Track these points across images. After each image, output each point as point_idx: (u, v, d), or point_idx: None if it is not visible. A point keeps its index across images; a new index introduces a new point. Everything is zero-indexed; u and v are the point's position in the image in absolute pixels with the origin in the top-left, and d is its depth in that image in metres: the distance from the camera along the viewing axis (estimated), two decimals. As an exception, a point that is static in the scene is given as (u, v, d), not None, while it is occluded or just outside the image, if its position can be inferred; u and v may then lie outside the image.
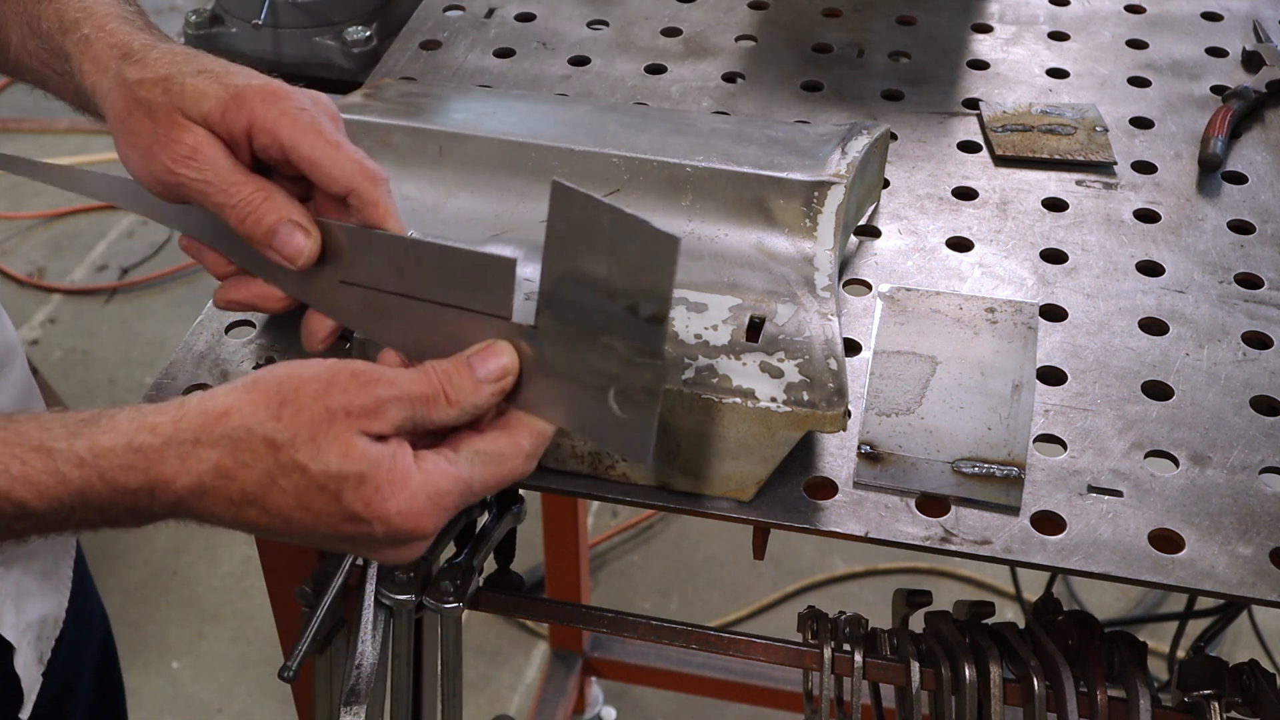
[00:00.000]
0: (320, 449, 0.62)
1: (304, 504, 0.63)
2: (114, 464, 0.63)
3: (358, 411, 0.63)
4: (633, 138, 0.94)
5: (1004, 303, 0.92)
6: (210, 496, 0.63)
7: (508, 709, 2.13)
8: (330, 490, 0.62)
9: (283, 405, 0.63)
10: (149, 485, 0.63)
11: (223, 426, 0.63)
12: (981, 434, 0.82)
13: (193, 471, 0.63)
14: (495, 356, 0.69)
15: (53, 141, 3.30)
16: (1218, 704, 0.82)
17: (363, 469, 0.62)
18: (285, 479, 0.62)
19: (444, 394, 0.66)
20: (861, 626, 0.90)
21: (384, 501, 0.63)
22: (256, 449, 0.62)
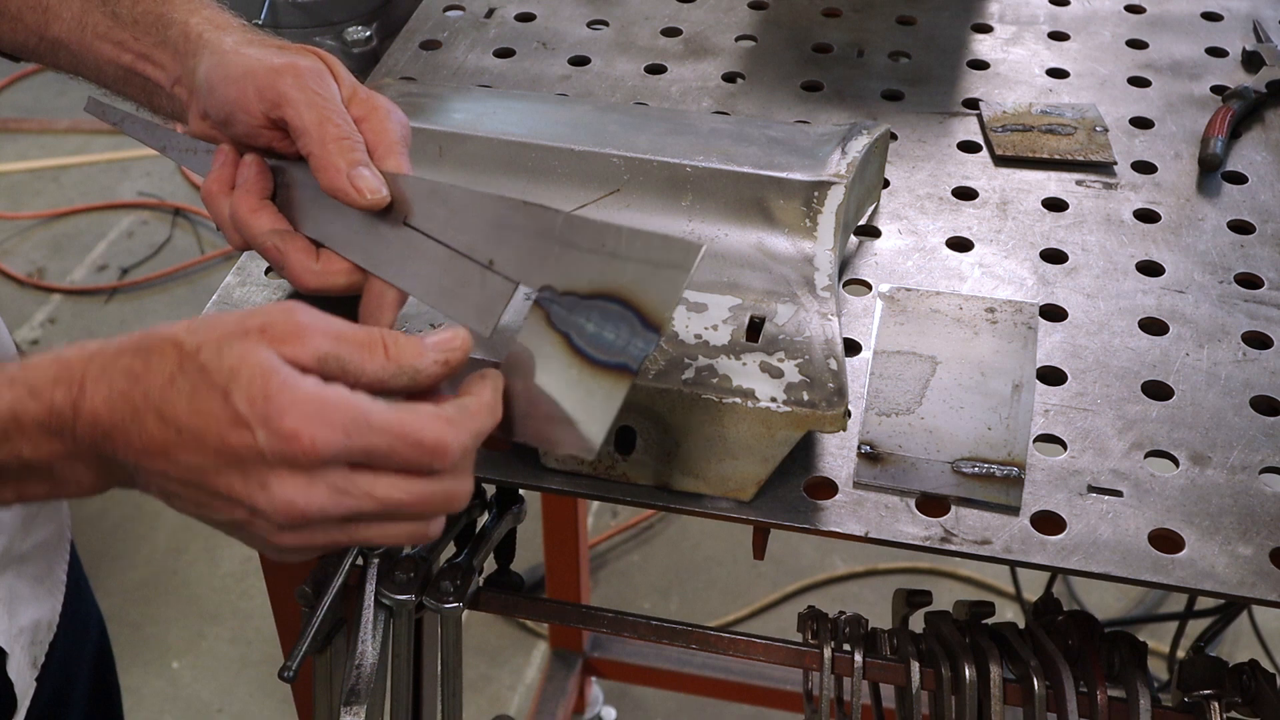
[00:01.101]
0: (222, 351, 0.61)
1: (196, 406, 0.60)
2: (42, 376, 0.62)
3: (275, 332, 0.62)
4: (633, 138, 0.94)
5: (1004, 303, 0.92)
6: (119, 403, 0.61)
7: (508, 709, 2.13)
8: (220, 388, 0.60)
9: (203, 322, 0.63)
10: (72, 398, 0.62)
11: (142, 339, 0.63)
12: (981, 434, 0.82)
13: (107, 378, 0.62)
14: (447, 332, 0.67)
15: (53, 141, 3.30)
16: (1218, 704, 0.82)
17: (257, 371, 0.60)
18: (184, 378, 0.61)
19: (383, 345, 0.64)
20: (861, 626, 0.90)
21: (269, 401, 0.59)
22: (165, 352, 0.62)
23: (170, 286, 2.92)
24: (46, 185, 3.18)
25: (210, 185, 0.83)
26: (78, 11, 0.88)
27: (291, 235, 0.80)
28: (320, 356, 0.62)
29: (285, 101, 0.78)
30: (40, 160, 3.23)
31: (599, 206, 0.90)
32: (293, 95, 0.78)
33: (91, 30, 0.88)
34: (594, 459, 0.79)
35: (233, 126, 0.82)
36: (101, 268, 2.96)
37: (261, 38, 0.84)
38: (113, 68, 0.88)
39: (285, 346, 0.61)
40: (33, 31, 0.90)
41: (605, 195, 0.90)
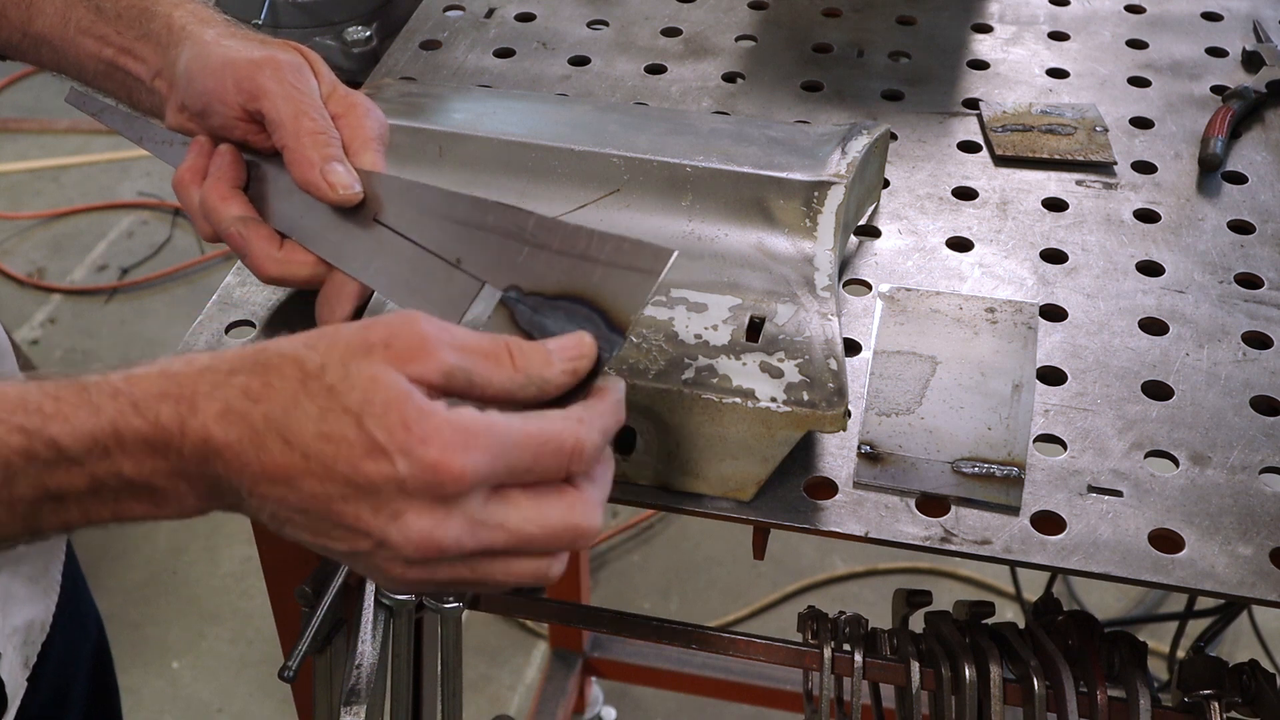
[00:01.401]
0: (350, 373, 0.58)
1: (325, 431, 0.57)
2: (148, 391, 0.59)
3: (399, 348, 0.58)
4: (633, 138, 0.94)
5: (1004, 303, 0.92)
6: (235, 422, 0.58)
7: (508, 709, 2.13)
8: (353, 413, 0.57)
9: (320, 336, 0.60)
10: (180, 416, 0.58)
11: (256, 355, 0.60)
12: (981, 434, 0.82)
13: (221, 396, 0.58)
14: (574, 340, 0.64)
15: (53, 141, 3.30)
16: (1218, 704, 0.82)
17: (391, 397, 0.57)
18: (310, 401, 0.57)
19: (509, 354, 0.61)
20: (861, 626, 0.90)
21: (409, 430, 0.56)
22: (286, 372, 0.59)
23: (170, 286, 2.92)
24: (46, 185, 3.18)
25: (182, 174, 0.82)
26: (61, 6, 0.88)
27: (257, 223, 0.80)
28: (447, 371, 0.59)
29: (262, 94, 0.79)
30: (40, 160, 3.23)
31: (599, 206, 0.90)
32: (270, 88, 0.79)
33: (75, 25, 0.88)
34: None
35: (210, 118, 0.82)
36: (101, 268, 2.96)
37: (244, 32, 0.84)
38: (94, 63, 0.88)
39: (412, 365, 0.58)
40: (15, 28, 0.90)
41: (605, 195, 0.90)
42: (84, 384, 0.59)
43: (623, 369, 0.78)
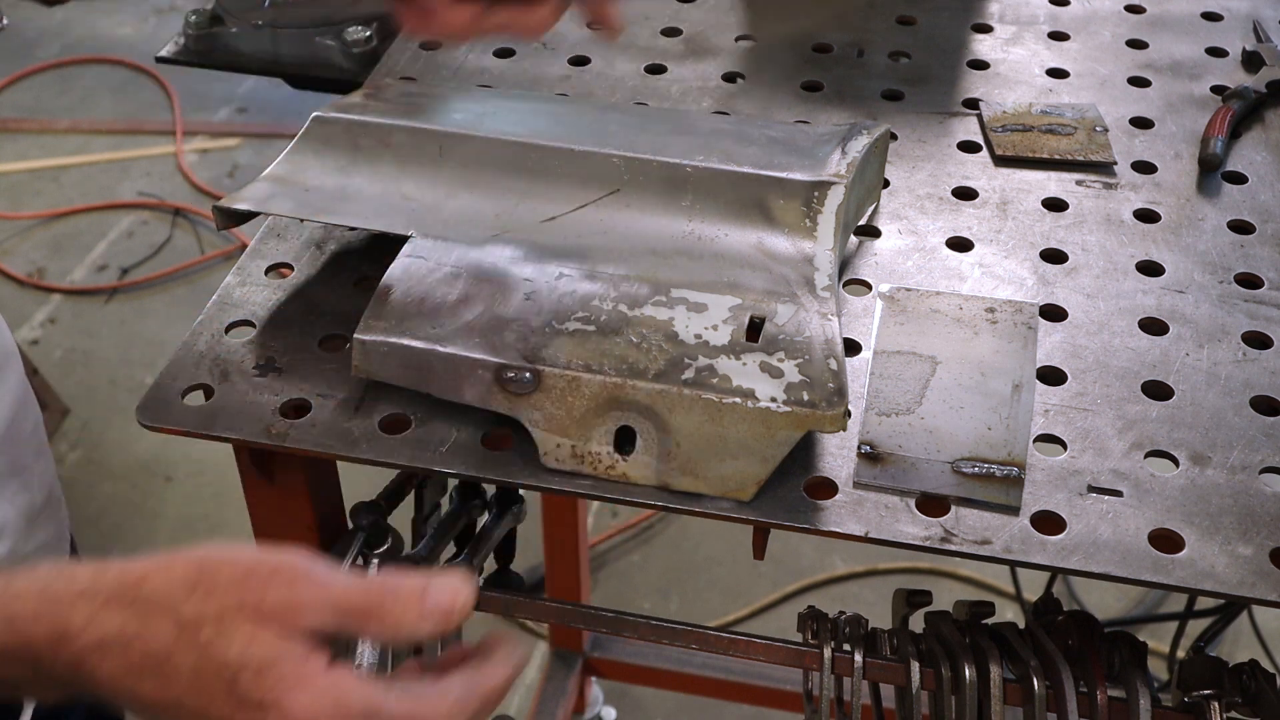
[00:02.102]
0: (223, 632, 0.60)
1: (199, 685, 0.60)
2: (24, 610, 0.62)
3: (275, 609, 0.61)
4: (633, 138, 0.94)
5: (1004, 303, 0.92)
6: (110, 658, 0.61)
7: (508, 709, 2.13)
8: (226, 676, 0.60)
9: (197, 585, 0.62)
10: (54, 636, 0.61)
11: (135, 592, 0.62)
12: (981, 434, 0.82)
13: (98, 629, 0.61)
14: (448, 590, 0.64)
15: (53, 141, 3.30)
16: (1218, 704, 0.82)
17: (266, 658, 0.60)
18: (183, 656, 0.60)
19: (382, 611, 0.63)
20: (861, 626, 0.90)
21: (285, 692, 0.59)
22: (161, 621, 0.61)
23: (170, 286, 2.92)
24: (46, 185, 3.18)
25: None
26: None
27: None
28: (316, 629, 0.61)
29: None
30: (40, 160, 3.23)
31: (599, 206, 0.90)
32: None
33: None
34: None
35: None
36: (101, 268, 2.96)
37: None
38: None
39: (285, 623, 0.61)
40: None
41: (605, 195, 0.91)
42: None
43: (623, 369, 0.78)
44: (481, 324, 0.81)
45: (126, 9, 3.77)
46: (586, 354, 0.79)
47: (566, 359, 0.79)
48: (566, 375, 0.78)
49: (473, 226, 0.89)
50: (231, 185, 3.09)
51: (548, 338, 0.80)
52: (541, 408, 0.79)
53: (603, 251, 0.87)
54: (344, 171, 0.94)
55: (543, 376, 0.78)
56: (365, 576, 0.64)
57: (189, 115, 3.35)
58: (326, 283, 0.94)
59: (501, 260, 0.86)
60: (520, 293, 0.83)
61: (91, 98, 3.45)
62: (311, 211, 0.91)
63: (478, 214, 0.91)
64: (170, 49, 1.37)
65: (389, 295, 0.83)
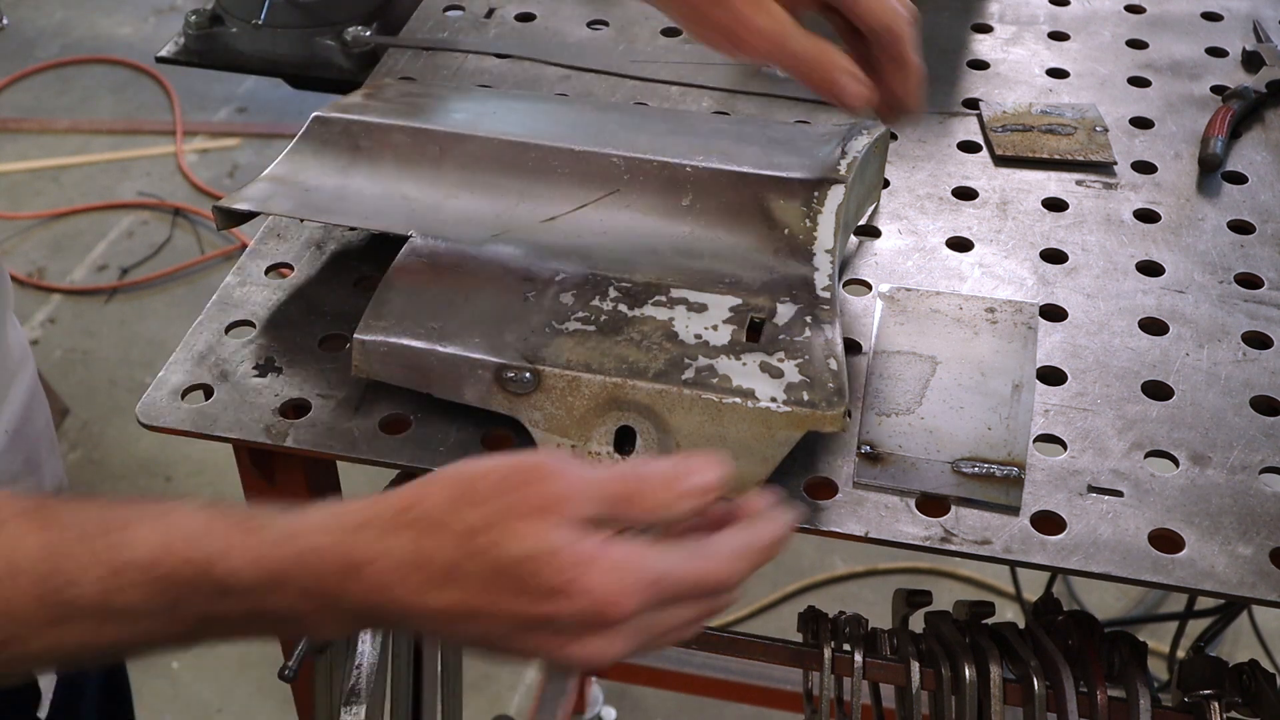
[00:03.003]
0: (502, 535, 0.62)
1: (489, 585, 0.62)
2: (313, 543, 0.63)
3: (544, 506, 0.63)
4: (633, 138, 0.94)
5: (1004, 303, 0.92)
6: (403, 581, 0.63)
7: (508, 709, 2.13)
8: (514, 573, 0.62)
9: (461, 499, 0.63)
10: (343, 569, 0.62)
11: (410, 514, 0.63)
12: (981, 434, 0.82)
13: (388, 556, 0.62)
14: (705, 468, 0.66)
15: (53, 141, 3.30)
16: (1218, 704, 0.82)
17: (545, 551, 0.61)
18: (472, 563, 0.62)
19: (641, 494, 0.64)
20: (861, 626, 0.90)
21: (573, 579, 0.61)
22: (441, 536, 0.63)
23: (170, 286, 2.92)
24: (46, 185, 3.18)
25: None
26: None
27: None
28: (587, 517, 0.63)
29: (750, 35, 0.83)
30: (40, 160, 3.23)
31: (599, 206, 0.90)
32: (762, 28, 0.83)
33: None
34: None
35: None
36: (101, 268, 2.96)
37: None
38: None
39: (555, 515, 0.62)
40: None
41: (605, 195, 0.91)
42: (255, 526, 0.63)
43: (623, 369, 0.78)
44: (481, 324, 0.81)
45: (126, 9, 3.78)
46: (586, 354, 0.79)
47: (566, 359, 0.79)
48: (566, 375, 0.78)
49: (473, 226, 0.89)
50: (231, 185, 3.10)
51: (548, 338, 0.80)
52: (541, 408, 0.79)
53: (603, 251, 0.87)
54: (344, 171, 0.94)
55: (543, 376, 0.78)
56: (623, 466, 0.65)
57: (189, 115, 3.35)
58: (326, 283, 0.94)
59: (501, 260, 0.86)
60: (520, 293, 0.83)
61: (91, 98, 3.45)
62: (311, 211, 0.91)
63: (478, 214, 0.91)
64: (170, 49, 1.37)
65: (389, 295, 0.83)
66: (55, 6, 3.78)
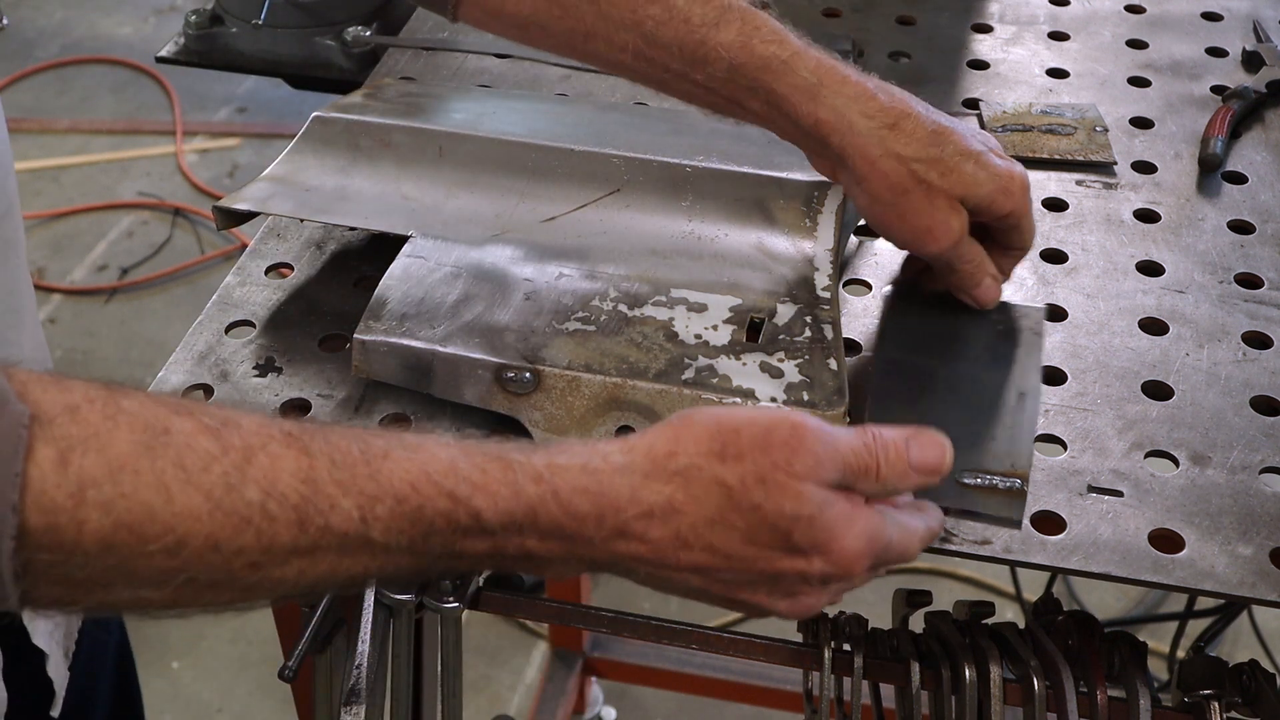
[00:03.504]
0: (770, 492, 0.64)
1: (752, 538, 0.64)
2: (569, 483, 0.63)
3: (802, 467, 0.64)
4: (633, 138, 0.94)
5: (1011, 307, 0.92)
6: (656, 527, 0.63)
7: (508, 709, 2.13)
8: (781, 529, 0.64)
9: (725, 452, 0.64)
10: (599, 511, 0.63)
11: (672, 464, 0.64)
12: (984, 444, 0.82)
13: (644, 501, 0.63)
14: (934, 448, 0.70)
15: (53, 141, 3.30)
16: (1218, 704, 0.82)
17: (813, 511, 0.64)
18: (737, 516, 0.63)
19: (877, 469, 0.68)
20: (861, 626, 0.90)
21: (832, 538, 0.64)
22: (708, 487, 0.64)
23: (170, 286, 2.92)
24: (46, 185, 3.18)
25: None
26: (638, 41, 0.86)
27: None
28: (832, 484, 0.65)
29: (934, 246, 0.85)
30: (40, 160, 3.23)
31: (599, 206, 0.90)
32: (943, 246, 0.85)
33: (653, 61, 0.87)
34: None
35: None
36: (101, 268, 2.96)
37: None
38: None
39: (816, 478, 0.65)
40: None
41: (605, 195, 0.91)
42: (509, 462, 0.63)
43: (623, 369, 0.78)
44: (481, 324, 0.81)
45: (126, 9, 3.78)
46: (586, 354, 0.79)
47: (566, 359, 0.79)
48: (566, 375, 0.78)
49: (473, 226, 0.89)
50: (231, 185, 3.10)
51: (548, 338, 0.80)
52: (542, 408, 0.79)
53: (603, 251, 0.87)
54: (344, 171, 0.94)
55: (543, 376, 0.78)
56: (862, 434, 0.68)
57: (189, 115, 3.35)
58: (326, 283, 0.94)
59: (501, 260, 0.86)
60: (520, 293, 0.83)
61: (91, 98, 3.45)
62: (311, 211, 0.91)
63: (478, 214, 0.91)
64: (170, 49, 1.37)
65: (389, 295, 0.83)
66: (55, 6, 3.78)
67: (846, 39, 1.22)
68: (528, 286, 0.84)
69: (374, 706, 0.88)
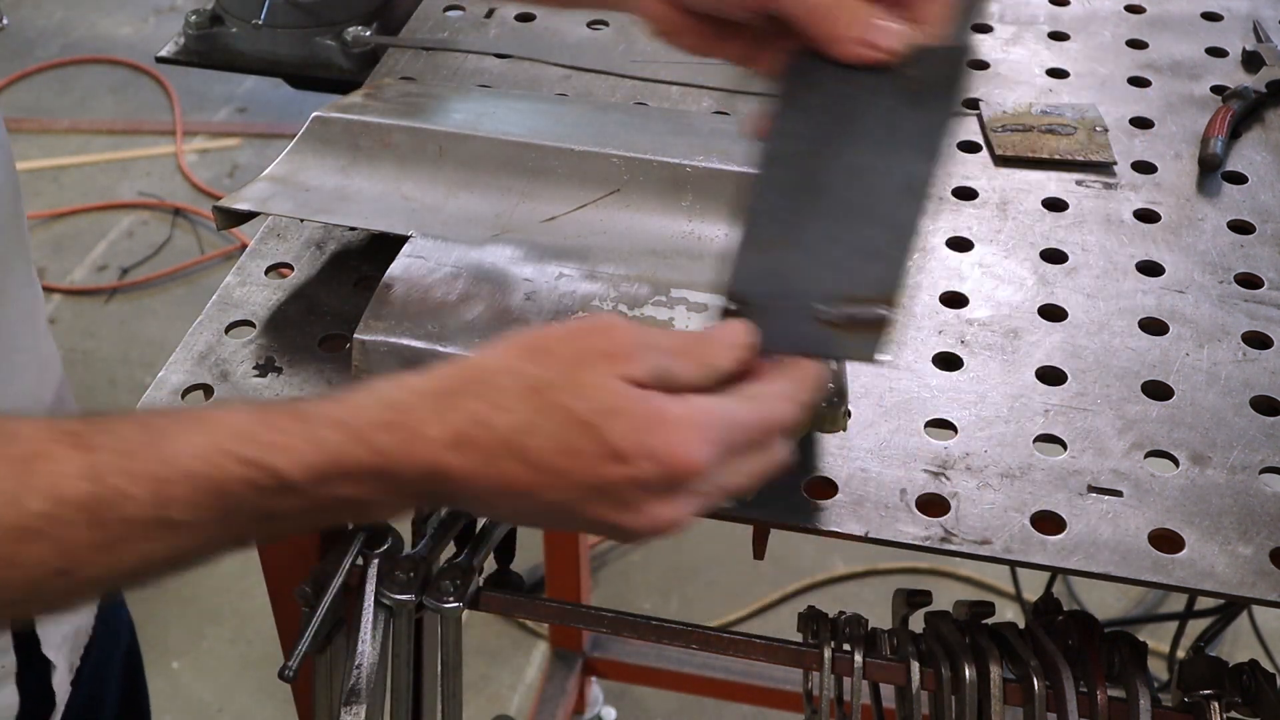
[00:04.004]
0: (581, 387, 0.60)
1: (566, 446, 0.59)
2: (370, 421, 0.60)
3: (613, 353, 0.61)
4: (633, 138, 0.94)
5: (925, 52, 0.66)
6: (467, 448, 0.60)
7: (508, 709, 2.13)
8: (593, 426, 0.59)
9: (535, 352, 0.62)
10: (405, 443, 0.60)
11: (478, 375, 0.61)
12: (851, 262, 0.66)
13: (450, 422, 0.60)
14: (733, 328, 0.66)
15: (53, 141, 3.30)
16: (1218, 704, 0.82)
17: (624, 405, 0.60)
18: (546, 420, 0.59)
19: (691, 349, 0.64)
20: (861, 626, 0.90)
21: (654, 435, 0.59)
22: (515, 393, 0.60)
23: (170, 286, 2.92)
24: (46, 185, 3.18)
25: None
26: None
27: None
28: (651, 370, 0.62)
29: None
30: (40, 160, 3.23)
31: (599, 206, 0.90)
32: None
33: None
34: None
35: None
36: (101, 268, 2.96)
37: None
38: None
39: (625, 367, 0.61)
40: None
41: (605, 195, 0.91)
42: (304, 414, 0.61)
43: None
44: (482, 324, 0.81)
45: (126, 9, 3.78)
46: (586, 354, 0.79)
47: (566, 359, 0.79)
48: (566, 375, 0.78)
49: (473, 226, 0.89)
50: (231, 185, 3.10)
51: (548, 338, 0.80)
52: (541, 408, 0.79)
53: (603, 251, 0.87)
54: (344, 171, 0.94)
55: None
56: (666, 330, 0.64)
57: (189, 115, 3.35)
58: (326, 283, 0.94)
59: (501, 260, 0.86)
60: (520, 293, 0.83)
61: (91, 98, 3.45)
62: (311, 211, 0.91)
63: (478, 214, 0.91)
64: (170, 49, 1.37)
65: (389, 295, 0.83)
66: (55, 6, 3.78)
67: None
68: (528, 287, 0.84)
69: (374, 706, 0.88)
